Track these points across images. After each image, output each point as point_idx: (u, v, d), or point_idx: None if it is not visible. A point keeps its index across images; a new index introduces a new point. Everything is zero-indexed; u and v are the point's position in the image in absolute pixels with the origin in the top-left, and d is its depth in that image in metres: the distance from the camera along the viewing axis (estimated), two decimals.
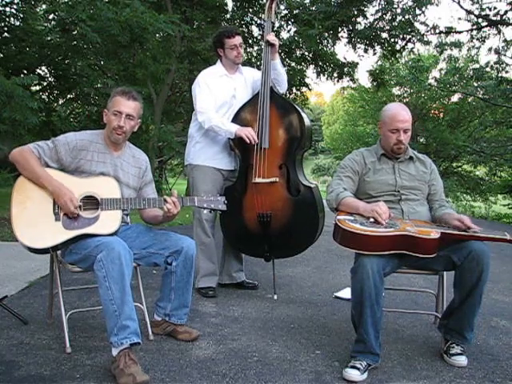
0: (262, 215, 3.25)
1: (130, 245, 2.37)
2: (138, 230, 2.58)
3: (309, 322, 2.99)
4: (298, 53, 11.46)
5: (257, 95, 3.33)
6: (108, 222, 2.35)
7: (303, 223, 3.23)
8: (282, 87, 3.51)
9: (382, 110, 2.73)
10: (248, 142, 3.20)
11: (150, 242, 2.49)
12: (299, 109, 3.31)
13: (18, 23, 8.26)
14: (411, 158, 2.68)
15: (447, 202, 2.68)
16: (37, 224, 2.30)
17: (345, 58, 11.75)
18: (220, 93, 3.34)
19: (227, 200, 2.55)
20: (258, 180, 3.23)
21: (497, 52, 13.14)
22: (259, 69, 3.46)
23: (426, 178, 2.67)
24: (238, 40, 3.36)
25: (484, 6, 11.96)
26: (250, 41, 11.46)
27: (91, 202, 2.36)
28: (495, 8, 11.75)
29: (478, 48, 18.50)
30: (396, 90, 21.39)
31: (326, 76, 11.97)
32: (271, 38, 3.34)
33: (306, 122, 3.27)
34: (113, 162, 2.51)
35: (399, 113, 2.55)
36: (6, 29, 8.19)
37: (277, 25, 11.16)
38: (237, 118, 3.34)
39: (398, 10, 10.44)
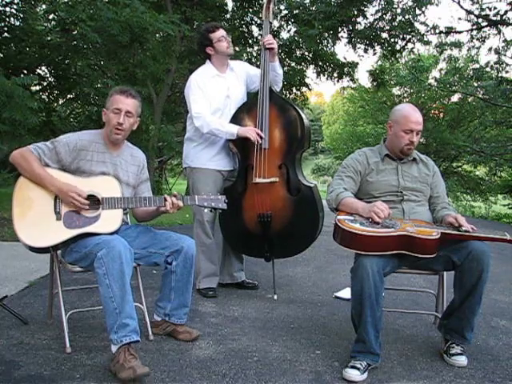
0: (262, 215, 3.25)
1: (130, 244, 2.37)
2: (137, 229, 2.58)
3: (309, 322, 2.99)
4: (298, 53, 11.47)
5: (255, 96, 3.32)
6: (109, 220, 2.36)
7: (303, 223, 3.23)
8: (279, 86, 3.53)
9: (393, 109, 2.68)
10: (254, 141, 3.17)
11: (149, 241, 2.49)
12: (299, 109, 3.31)
13: (18, 23, 8.24)
14: (414, 160, 2.68)
15: (449, 204, 2.67)
16: (38, 223, 2.31)
17: (345, 58, 11.80)
18: (214, 96, 3.31)
19: (226, 200, 2.56)
20: (258, 180, 3.23)
21: (497, 52, 13.14)
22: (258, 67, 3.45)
23: (429, 181, 2.66)
24: (222, 32, 3.33)
25: (484, 6, 11.97)
26: (250, 41, 11.46)
27: (92, 202, 2.37)
28: (495, 8, 11.76)
29: (478, 48, 18.52)
30: (396, 90, 21.39)
31: (326, 76, 12.00)
32: (268, 42, 3.30)
33: (306, 121, 3.28)
34: (112, 162, 2.52)
35: (413, 114, 2.54)
36: (6, 29, 8.18)
37: (277, 25, 11.19)
38: (235, 119, 3.32)
39: (398, 10, 10.46)
